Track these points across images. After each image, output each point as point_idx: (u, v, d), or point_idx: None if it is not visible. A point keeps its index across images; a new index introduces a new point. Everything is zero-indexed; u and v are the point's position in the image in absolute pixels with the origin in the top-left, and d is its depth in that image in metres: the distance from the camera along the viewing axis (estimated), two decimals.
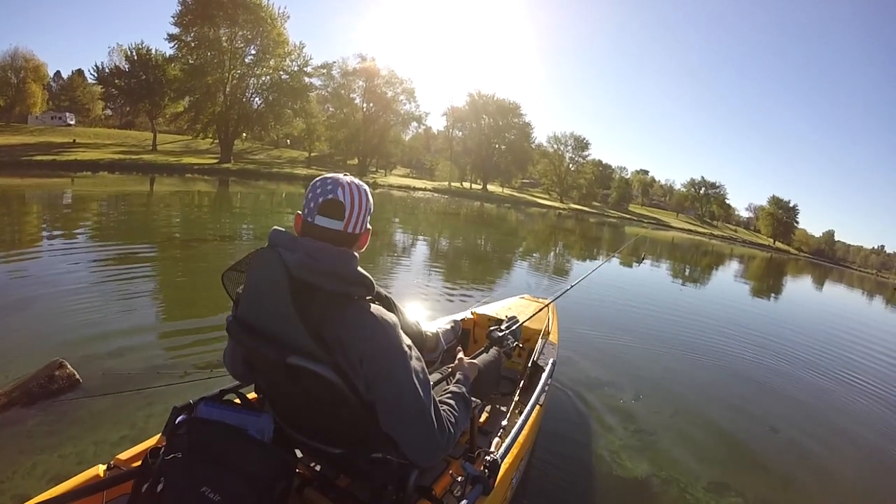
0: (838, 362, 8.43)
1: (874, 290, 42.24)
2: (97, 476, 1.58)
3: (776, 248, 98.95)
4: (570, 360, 5.27)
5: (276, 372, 1.34)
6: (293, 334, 1.27)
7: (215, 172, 32.10)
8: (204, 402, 1.46)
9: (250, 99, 43.85)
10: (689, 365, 6.50)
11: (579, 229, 37.55)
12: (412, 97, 57.47)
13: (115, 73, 40.34)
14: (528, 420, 2.38)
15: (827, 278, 43.01)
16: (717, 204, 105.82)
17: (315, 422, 1.51)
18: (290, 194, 26.69)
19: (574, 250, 21.58)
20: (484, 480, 1.76)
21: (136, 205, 15.07)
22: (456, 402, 1.69)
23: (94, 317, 4.91)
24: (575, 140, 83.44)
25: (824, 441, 4.80)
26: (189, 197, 18.60)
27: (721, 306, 12.84)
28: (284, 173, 39.97)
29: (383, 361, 1.31)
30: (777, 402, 5.76)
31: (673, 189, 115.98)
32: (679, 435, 4.26)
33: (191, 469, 1.24)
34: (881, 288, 48.70)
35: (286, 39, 42.68)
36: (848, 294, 30.86)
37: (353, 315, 1.32)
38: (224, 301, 5.25)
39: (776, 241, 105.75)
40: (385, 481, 1.51)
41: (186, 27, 37.97)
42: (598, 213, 77.75)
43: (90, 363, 3.82)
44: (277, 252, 1.28)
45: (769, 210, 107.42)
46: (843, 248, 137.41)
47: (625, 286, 12.38)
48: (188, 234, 10.72)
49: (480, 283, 9.27)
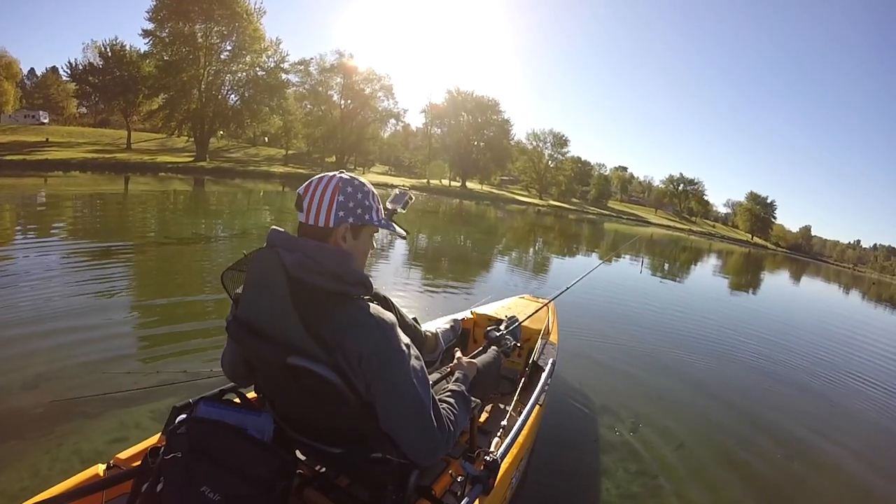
0: (834, 355, 9.01)
1: (852, 283, 44.59)
2: (97, 476, 1.60)
3: (754, 243, 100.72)
4: (571, 360, 5.23)
5: (276, 372, 1.37)
6: (293, 334, 1.28)
7: (189, 171, 31.71)
8: (204, 402, 1.47)
9: (226, 96, 43.41)
10: (689, 362, 6.59)
11: (559, 226, 38.03)
12: (390, 94, 57.51)
13: (88, 70, 39.62)
14: (528, 420, 2.41)
15: (810, 274, 44.78)
16: (696, 200, 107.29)
17: (315, 422, 1.52)
18: (268, 193, 26.51)
19: (556, 248, 21.99)
20: (484, 480, 1.79)
21: (112, 204, 14.92)
22: (455, 400, 1.71)
23: (93, 316, 4.95)
24: (554, 137, 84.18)
25: (823, 435, 4.97)
26: (165, 197, 18.44)
27: (714, 302, 13.62)
28: (260, 171, 39.65)
29: (382, 360, 1.33)
30: (775, 397, 5.94)
31: (652, 185, 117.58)
32: (679, 434, 4.32)
33: (190, 469, 1.25)
34: (858, 282, 50.99)
35: (262, 35, 42.27)
36: (828, 288, 32.37)
37: (351, 314, 1.33)
38: (224, 301, 5.60)
39: (754, 236, 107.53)
40: (385, 481, 1.53)
41: (161, 23, 37.47)
42: (578, 210, 78.61)
43: (90, 363, 3.88)
44: (276, 252, 1.31)
45: (747, 206, 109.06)
46: (819, 242, 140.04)
47: (622, 285, 12.69)
48: (181, 234, 10.87)
49: (460, 283, 9.25)
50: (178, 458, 1.27)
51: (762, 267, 38.14)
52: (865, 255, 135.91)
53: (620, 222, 72.69)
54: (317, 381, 1.28)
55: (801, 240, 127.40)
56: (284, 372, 1.31)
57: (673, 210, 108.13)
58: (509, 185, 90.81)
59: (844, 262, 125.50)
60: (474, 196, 60.38)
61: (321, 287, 1.30)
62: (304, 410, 1.50)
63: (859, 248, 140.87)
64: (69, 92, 49.36)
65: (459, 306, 5.91)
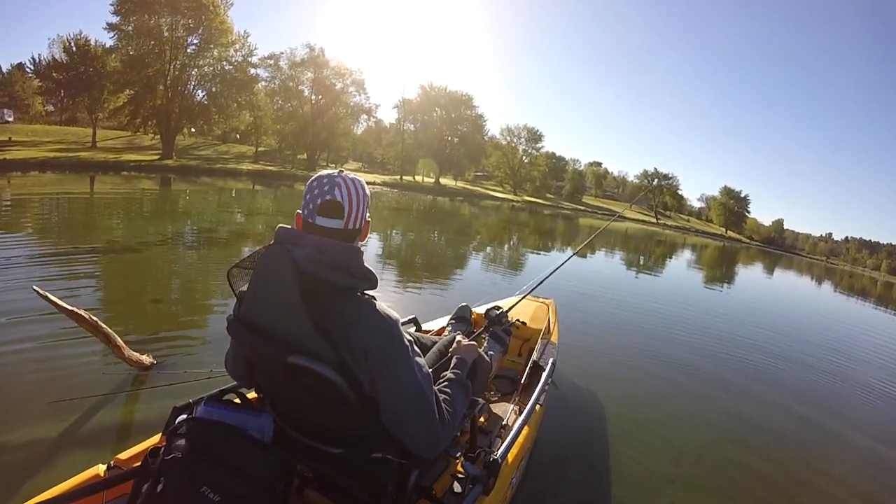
0: (828, 350, 9.52)
1: (828, 276, 46.92)
2: (97, 476, 1.64)
3: (728, 237, 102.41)
4: (571, 360, 5.30)
5: (277, 371, 1.40)
6: (297, 330, 1.32)
7: (152, 169, 30.84)
8: (204, 402, 1.49)
9: (192, 91, 42.67)
10: (690, 361, 6.70)
11: (534, 222, 38.33)
12: (362, 88, 57.14)
13: (53, 66, 38.82)
14: (528, 420, 2.44)
15: (789, 267, 46.60)
16: (670, 195, 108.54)
17: (315, 421, 1.55)
18: (240, 191, 26.11)
19: (531, 243, 22.28)
20: (484, 480, 1.82)
21: (78, 204, 14.59)
22: (453, 388, 1.75)
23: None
24: (528, 132, 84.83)
25: (825, 433, 5.17)
26: (131, 198, 17.59)
27: (714, 298, 14.37)
28: (227, 169, 38.86)
29: (387, 355, 1.38)
30: (776, 396, 6.02)
31: (626, 180, 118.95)
32: (680, 433, 4.43)
33: (191, 469, 1.28)
34: (831, 273, 53.45)
35: (230, 28, 41.49)
36: (807, 281, 34.49)
37: (358, 309, 1.39)
38: (225, 300, 6.26)
39: (728, 230, 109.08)
40: (385, 481, 1.56)
41: (126, 16, 36.54)
42: (552, 206, 79.64)
43: (89, 363, 3.95)
44: (286, 248, 1.34)
45: (721, 200, 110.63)
46: (792, 235, 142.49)
47: (620, 283, 13.33)
48: (178, 234, 10.93)
49: (432, 286, 8.94)
50: (178, 459, 1.29)
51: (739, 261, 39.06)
52: (837, 248, 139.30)
53: (595, 217, 73.38)
54: (317, 381, 1.32)
55: (775, 233, 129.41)
56: (285, 371, 1.35)
57: (648, 205, 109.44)
58: (483, 180, 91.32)
59: (817, 255, 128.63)
60: (448, 192, 60.57)
61: (330, 282, 1.34)
62: (304, 410, 1.54)
63: (831, 241, 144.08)
64: (34, 89, 48.09)
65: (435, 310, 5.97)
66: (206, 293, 6.57)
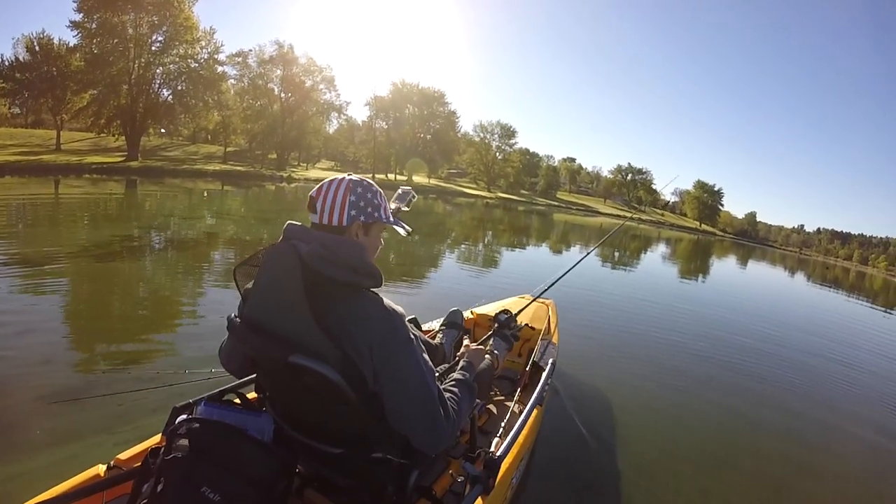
0: (824, 344, 9.92)
1: (804, 267, 48.28)
2: (97, 476, 1.65)
3: (702, 230, 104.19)
4: (571, 360, 5.32)
5: (278, 370, 1.42)
6: (300, 327, 1.34)
7: (115, 171, 29.69)
8: (204, 402, 1.50)
9: (158, 90, 41.67)
10: (690, 360, 6.83)
11: (508, 219, 38.59)
12: (332, 85, 57.04)
13: (16, 67, 37.63)
14: (528, 420, 2.46)
15: (765, 259, 48.37)
16: (644, 189, 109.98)
17: (315, 421, 1.56)
18: (211, 192, 25.73)
19: (505, 240, 22.38)
20: (484, 480, 1.83)
21: (45, 210, 13.82)
22: (459, 389, 1.75)
23: (92, 317, 5.19)
24: (501, 128, 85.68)
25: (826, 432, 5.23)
26: (100, 200, 17.41)
27: (692, 291, 14.96)
28: (193, 170, 37.74)
29: (392, 350, 1.40)
30: (778, 395, 6.12)
31: (600, 176, 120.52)
32: (681, 433, 4.48)
33: (190, 469, 1.29)
34: (805, 265, 55.19)
35: (195, 24, 40.48)
36: (780, 272, 35.64)
37: (362, 304, 1.40)
38: (226, 299, 6.26)
39: (702, 223, 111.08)
40: (385, 481, 1.57)
41: (89, 13, 35.60)
42: (527, 202, 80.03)
43: (89, 363, 4.04)
44: (292, 244, 1.38)
45: (695, 194, 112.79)
46: (765, 228, 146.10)
47: (617, 281, 13.65)
48: (182, 235, 11.01)
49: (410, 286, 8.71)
50: (178, 459, 1.30)
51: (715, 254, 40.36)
52: (810, 239, 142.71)
53: (570, 213, 74.05)
54: (317, 380, 1.32)
55: (748, 226, 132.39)
56: (286, 370, 1.36)
57: (622, 200, 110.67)
58: (457, 177, 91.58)
59: (790, 247, 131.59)
60: (421, 190, 60.26)
61: (335, 278, 1.36)
62: (304, 410, 1.55)
63: (803, 233, 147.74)
64: None
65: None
66: (206, 293, 6.65)
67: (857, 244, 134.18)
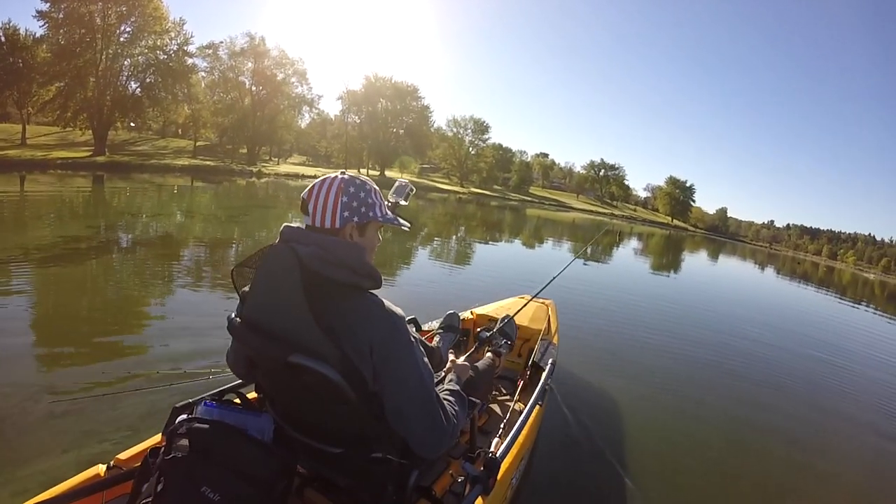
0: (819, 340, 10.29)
1: (769, 261, 49.80)
2: (97, 476, 1.66)
3: (674, 225, 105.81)
4: (571, 360, 5.32)
5: (278, 370, 1.42)
6: (300, 327, 1.34)
7: (81, 167, 28.62)
8: (204, 402, 1.49)
9: (125, 83, 40.74)
10: (691, 359, 6.92)
11: (481, 214, 38.72)
12: (304, 79, 56.53)
13: None
14: (528, 420, 2.46)
15: (731, 253, 50.38)
16: (617, 185, 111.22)
17: (315, 421, 1.57)
18: (181, 188, 25.43)
19: (479, 234, 22.46)
20: (484, 480, 1.84)
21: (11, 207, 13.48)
22: (454, 398, 1.78)
23: (92, 317, 5.22)
24: (475, 124, 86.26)
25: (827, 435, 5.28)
26: (67, 197, 16.78)
27: (699, 292, 15.37)
28: (161, 165, 36.66)
29: (392, 351, 1.40)
30: (778, 395, 6.21)
31: (573, 171, 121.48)
32: (681, 433, 4.50)
33: (190, 469, 1.29)
34: (775, 259, 56.79)
35: (164, 15, 39.82)
36: (752, 267, 36.93)
37: (362, 305, 1.41)
38: (226, 299, 6.30)
39: (674, 218, 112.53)
40: (385, 481, 1.57)
41: (56, 2, 34.73)
42: (500, 197, 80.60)
43: (89, 363, 4.01)
44: (290, 246, 1.38)
45: (667, 190, 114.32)
46: (735, 223, 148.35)
47: (614, 280, 13.82)
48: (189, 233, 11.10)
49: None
50: (178, 459, 1.30)
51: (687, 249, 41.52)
52: (780, 234, 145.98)
53: (542, 208, 74.58)
54: (317, 380, 1.33)
55: (719, 221, 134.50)
56: (285, 370, 1.36)
57: (594, 195, 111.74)
58: (430, 173, 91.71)
59: (760, 242, 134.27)
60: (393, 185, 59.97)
61: (334, 279, 1.37)
62: (304, 410, 1.56)
63: (773, 228, 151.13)
64: None
65: None
66: (207, 293, 6.68)
67: (826, 239, 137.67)
